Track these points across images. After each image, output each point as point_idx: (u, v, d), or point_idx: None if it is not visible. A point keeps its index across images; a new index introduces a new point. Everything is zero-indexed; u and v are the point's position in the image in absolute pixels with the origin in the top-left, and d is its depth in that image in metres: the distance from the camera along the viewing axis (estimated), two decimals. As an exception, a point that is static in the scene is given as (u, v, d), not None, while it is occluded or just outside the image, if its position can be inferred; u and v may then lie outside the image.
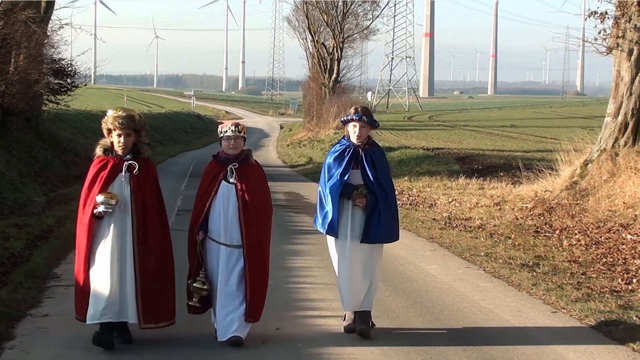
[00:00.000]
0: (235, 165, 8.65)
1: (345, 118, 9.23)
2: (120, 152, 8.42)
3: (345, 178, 8.96)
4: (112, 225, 8.29)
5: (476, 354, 8.66)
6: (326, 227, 9.04)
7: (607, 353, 8.77)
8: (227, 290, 8.55)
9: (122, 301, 8.27)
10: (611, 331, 9.52)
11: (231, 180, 8.62)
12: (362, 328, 8.93)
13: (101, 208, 8.18)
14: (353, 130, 9.09)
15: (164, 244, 8.59)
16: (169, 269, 8.64)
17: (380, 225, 8.97)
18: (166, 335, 8.65)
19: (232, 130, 8.62)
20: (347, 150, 9.09)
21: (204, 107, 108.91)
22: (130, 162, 8.39)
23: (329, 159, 9.18)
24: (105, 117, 8.43)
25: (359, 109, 9.15)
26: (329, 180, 9.05)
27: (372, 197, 8.98)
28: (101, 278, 8.21)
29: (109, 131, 8.42)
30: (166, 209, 8.88)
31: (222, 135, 8.71)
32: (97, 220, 8.31)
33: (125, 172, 8.37)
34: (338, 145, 9.28)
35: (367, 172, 9.01)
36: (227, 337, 8.46)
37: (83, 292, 8.33)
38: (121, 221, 8.33)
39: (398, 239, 9.39)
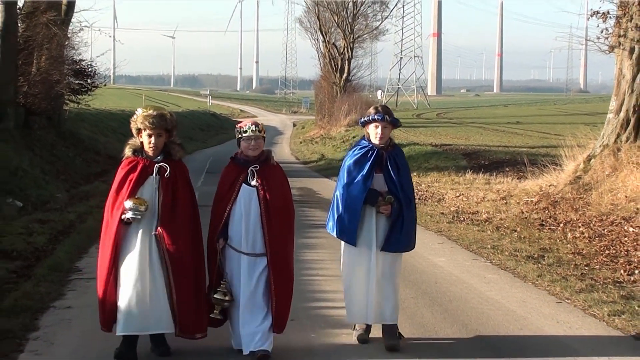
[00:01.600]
0: (257, 166, 7.85)
1: (365, 119, 8.34)
2: (150, 153, 7.70)
3: (369, 183, 8.17)
4: (140, 232, 7.60)
5: (492, 351, 8.71)
6: (344, 234, 8.21)
7: (611, 342, 8.77)
8: (251, 302, 7.79)
9: (151, 313, 7.60)
10: (614, 321, 9.52)
11: (252, 183, 7.80)
12: (392, 343, 8.25)
13: (129, 214, 7.50)
14: (375, 131, 8.23)
15: (197, 251, 7.87)
16: (202, 278, 7.96)
17: (402, 234, 8.22)
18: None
19: (252, 130, 7.82)
20: (370, 152, 8.23)
21: (220, 106, 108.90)
22: (161, 164, 7.71)
23: (349, 161, 8.30)
24: (135, 116, 7.71)
25: (380, 108, 8.33)
26: (350, 184, 8.18)
27: (397, 204, 8.17)
28: (128, 289, 7.55)
29: (139, 131, 7.71)
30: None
31: (241, 135, 7.90)
32: (124, 225, 7.61)
33: (155, 174, 7.69)
34: (358, 147, 8.38)
35: (392, 176, 8.20)
36: (255, 349, 7.75)
37: (106, 303, 7.70)
38: (150, 228, 7.64)
39: (414, 248, 8.66)
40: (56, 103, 29.59)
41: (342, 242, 8.39)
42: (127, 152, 7.78)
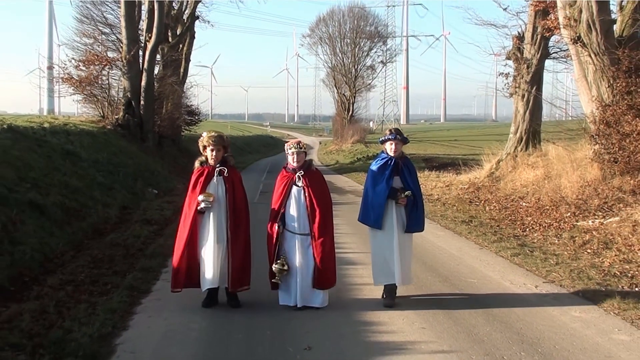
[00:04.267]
0: (302, 172, 7.02)
1: (383, 138, 7.34)
2: (212, 163, 7.02)
3: (391, 182, 7.15)
4: (211, 217, 6.87)
5: (440, 278, 8.65)
6: (371, 221, 7.18)
7: (512, 272, 8.73)
8: (303, 270, 6.90)
9: (221, 272, 6.87)
10: (514, 259, 9.50)
11: (299, 184, 6.97)
12: (390, 302, 7.13)
13: (202, 205, 6.81)
14: (390, 147, 7.23)
15: (247, 228, 7.02)
16: (249, 246, 7.03)
17: (417, 219, 7.20)
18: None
19: (295, 147, 7.06)
20: (389, 162, 7.23)
21: (275, 132, 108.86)
22: (220, 167, 7.01)
23: (374, 168, 7.28)
24: (201, 137, 7.07)
25: (393, 130, 7.36)
26: (376, 185, 7.19)
27: (412, 197, 7.15)
28: (208, 257, 6.81)
29: (204, 147, 7.04)
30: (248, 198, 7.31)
31: (288, 151, 7.13)
32: (200, 214, 6.89)
33: (217, 176, 6.98)
34: (379, 158, 7.35)
35: (406, 178, 7.22)
36: (308, 304, 6.94)
37: (179, 269, 6.86)
38: (218, 213, 6.89)
39: (424, 230, 7.49)
40: (177, 131, 30.00)
41: (368, 227, 7.32)
42: (197, 164, 7.15)
